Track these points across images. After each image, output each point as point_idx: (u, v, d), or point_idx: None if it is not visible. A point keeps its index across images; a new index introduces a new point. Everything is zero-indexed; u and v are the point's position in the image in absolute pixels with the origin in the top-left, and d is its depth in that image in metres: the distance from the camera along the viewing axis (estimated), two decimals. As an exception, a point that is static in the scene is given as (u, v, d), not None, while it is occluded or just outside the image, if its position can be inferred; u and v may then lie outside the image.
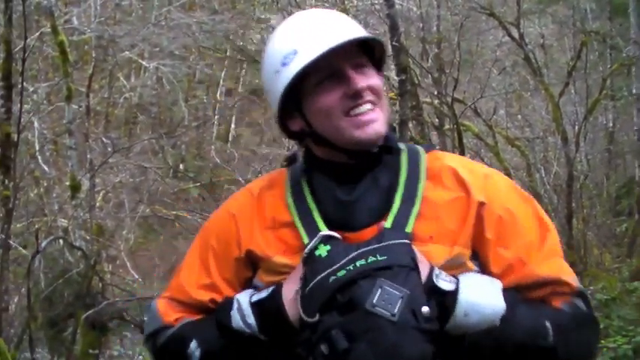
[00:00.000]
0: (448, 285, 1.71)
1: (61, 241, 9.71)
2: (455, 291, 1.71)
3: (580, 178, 11.88)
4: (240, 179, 14.76)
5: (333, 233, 1.79)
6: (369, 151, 1.85)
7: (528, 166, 12.11)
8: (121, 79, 15.21)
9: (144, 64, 14.76)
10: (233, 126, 21.37)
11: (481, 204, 1.81)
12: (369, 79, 1.84)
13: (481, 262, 1.81)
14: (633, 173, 14.56)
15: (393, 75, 8.71)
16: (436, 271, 1.73)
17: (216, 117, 19.99)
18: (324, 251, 1.76)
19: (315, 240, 1.78)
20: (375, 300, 1.67)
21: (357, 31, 1.86)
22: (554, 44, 15.32)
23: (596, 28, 14.24)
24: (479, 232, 1.81)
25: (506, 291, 1.75)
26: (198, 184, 15.22)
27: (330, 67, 1.81)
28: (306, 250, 1.78)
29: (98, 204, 11.32)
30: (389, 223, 1.78)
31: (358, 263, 1.72)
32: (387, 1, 8.57)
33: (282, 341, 1.78)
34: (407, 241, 1.75)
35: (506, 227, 1.82)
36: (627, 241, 12.31)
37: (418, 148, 1.95)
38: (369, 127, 1.81)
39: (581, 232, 11.09)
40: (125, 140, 14.52)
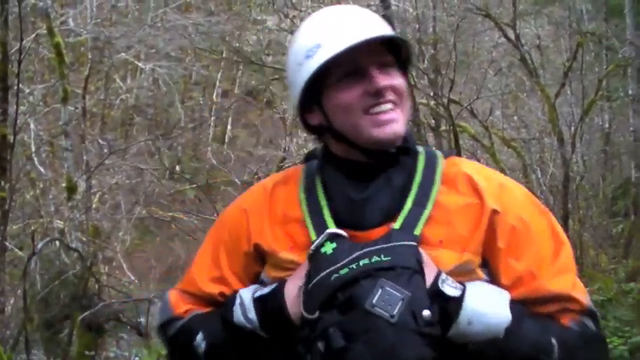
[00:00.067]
0: (453, 291, 1.69)
1: (57, 242, 9.71)
2: (460, 297, 1.68)
3: (576, 179, 11.89)
4: (236, 180, 14.78)
5: (339, 231, 1.77)
6: (387, 151, 1.83)
7: (524, 167, 12.12)
8: (117, 80, 15.21)
9: (140, 65, 14.75)
10: (229, 127, 21.38)
11: (494, 212, 1.78)
12: (392, 78, 1.82)
13: (491, 272, 1.78)
14: (629, 174, 14.57)
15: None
16: (443, 276, 1.70)
17: (213, 118, 19.99)
18: (329, 249, 1.75)
19: (321, 237, 1.77)
20: (374, 300, 1.65)
21: (383, 30, 1.83)
22: (550, 45, 15.32)
23: (592, 29, 14.25)
24: (490, 240, 1.77)
25: (514, 303, 1.71)
26: (195, 186, 15.22)
27: (353, 64, 1.79)
28: (312, 246, 1.77)
29: (94, 205, 11.31)
30: (398, 224, 1.76)
31: (361, 262, 1.70)
32: (383, 2, 8.59)
33: (282, 338, 1.77)
34: (414, 243, 1.73)
35: (519, 238, 1.78)
36: (623, 242, 12.32)
37: (437, 152, 1.92)
38: (388, 127, 1.79)
39: (577, 233, 11.09)
40: (121, 142, 14.52)
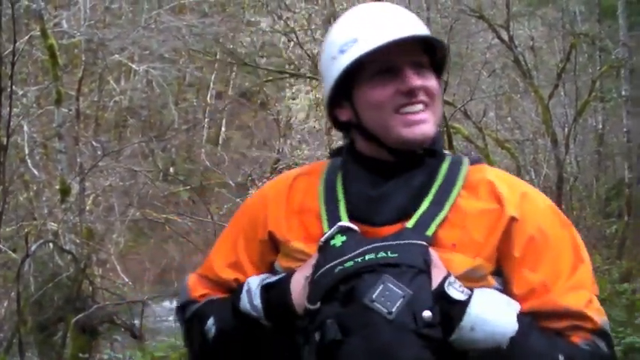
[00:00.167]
0: (459, 295, 1.65)
1: (50, 244, 9.69)
2: (465, 302, 1.64)
3: (570, 179, 11.92)
4: (230, 182, 14.79)
5: (351, 225, 1.76)
6: (414, 151, 1.81)
7: (518, 168, 12.13)
8: (111, 82, 15.19)
9: (134, 67, 14.73)
10: (223, 129, 21.41)
11: (513, 219, 1.74)
12: (425, 79, 1.80)
13: (504, 281, 1.74)
14: (623, 175, 14.57)
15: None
16: (450, 278, 1.67)
17: (207, 120, 20.01)
18: (339, 242, 1.74)
19: (332, 229, 1.77)
20: (374, 295, 1.63)
21: (420, 29, 1.83)
22: (544, 46, 15.36)
23: (585, 30, 14.29)
24: (506, 248, 1.73)
25: (524, 315, 1.67)
26: (189, 187, 15.22)
27: (387, 61, 1.78)
28: (323, 238, 1.77)
29: (88, 207, 11.28)
30: (411, 223, 1.74)
31: (367, 257, 1.69)
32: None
33: (285, 328, 1.76)
34: (424, 243, 1.71)
35: (536, 249, 1.74)
36: (617, 243, 12.35)
37: (464, 158, 1.89)
38: (418, 128, 1.78)
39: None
40: (115, 143, 14.51)
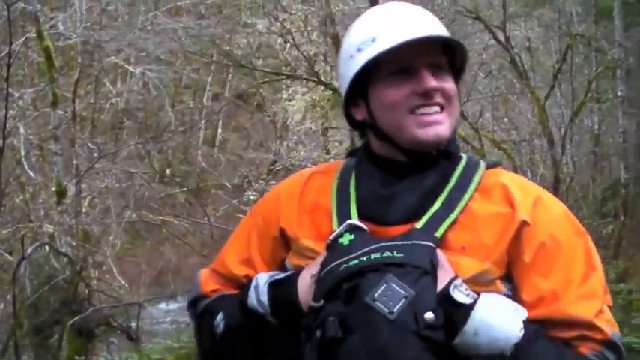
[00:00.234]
0: (464, 298, 1.63)
1: (46, 247, 9.67)
2: (470, 306, 1.62)
3: (566, 180, 11.94)
4: (226, 184, 14.79)
5: (359, 223, 1.76)
6: (428, 153, 1.80)
7: (514, 168, 12.14)
8: (107, 84, 15.18)
9: (130, 69, 14.72)
10: (219, 131, 21.40)
11: (524, 223, 1.71)
12: (442, 81, 1.79)
13: (514, 286, 1.71)
14: (619, 175, 14.61)
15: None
16: (457, 281, 1.65)
17: (203, 122, 20.00)
18: (346, 240, 1.74)
19: (341, 228, 1.76)
20: (376, 294, 1.62)
21: (439, 30, 1.81)
22: (540, 47, 15.38)
23: (581, 31, 14.30)
24: (516, 252, 1.71)
25: (531, 322, 1.64)
26: (185, 189, 15.21)
27: (403, 61, 1.77)
28: (331, 236, 1.76)
29: (84, 210, 11.26)
30: (420, 224, 1.73)
31: (372, 256, 1.68)
32: (372, 5, 8.59)
33: (291, 325, 1.76)
34: (431, 244, 1.69)
35: (547, 255, 1.70)
36: (613, 243, 12.37)
37: (480, 162, 1.87)
38: (432, 129, 1.76)
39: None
40: (111, 145, 14.48)
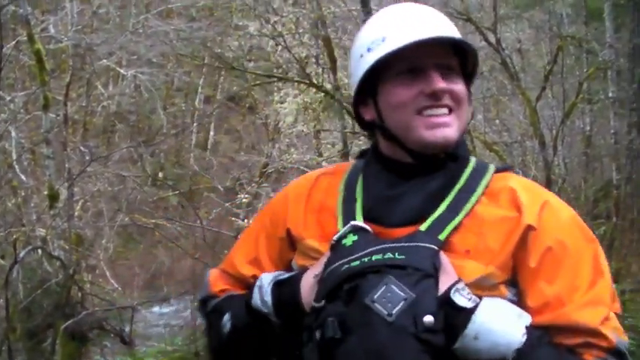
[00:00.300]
0: (465, 302, 1.62)
1: (39, 250, 9.65)
2: (471, 310, 1.60)
3: (558, 181, 11.92)
4: (218, 187, 14.76)
5: (363, 224, 1.76)
6: (435, 155, 1.79)
7: (506, 170, 12.14)
8: (99, 87, 15.15)
9: (122, 72, 14.71)
10: (212, 133, 21.37)
11: (529, 227, 1.69)
12: (452, 83, 1.78)
13: (519, 292, 1.69)
14: (610, 176, 14.62)
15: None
16: (459, 285, 1.63)
17: (195, 124, 19.94)
18: (349, 241, 1.73)
19: (344, 229, 1.76)
20: (375, 296, 1.61)
21: (450, 32, 1.80)
22: (531, 49, 15.40)
23: (572, 32, 14.32)
24: (521, 257, 1.69)
25: (535, 329, 1.62)
26: (178, 192, 15.18)
27: (412, 62, 1.76)
28: (335, 237, 1.76)
29: (77, 213, 11.25)
30: (424, 226, 1.72)
31: (374, 257, 1.67)
32: (364, 7, 8.61)
33: (294, 326, 1.75)
34: (434, 246, 1.67)
35: (554, 260, 1.68)
36: (606, 244, 12.36)
37: (490, 166, 1.86)
38: (439, 131, 1.75)
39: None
40: (103, 149, 14.47)
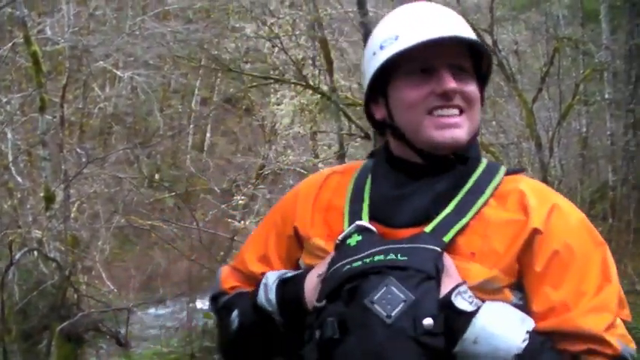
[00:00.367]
0: (467, 305, 1.58)
1: (35, 252, 9.65)
2: (471, 313, 1.57)
3: (554, 183, 11.95)
4: (215, 188, 14.76)
5: (367, 225, 1.74)
6: (445, 156, 1.76)
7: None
8: (96, 89, 15.16)
9: (118, 73, 14.69)
10: (208, 135, 21.37)
11: (536, 231, 1.65)
12: (463, 84, 1.75)
13: (525, 296, 1.66)
14: (606, 178, 14.65)
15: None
16: (461, 288, 1.60)
17: (191, 126, 19.97)
18: (354, 241, 1.72)
19: (349, 229, 1.74)
20: (375, 297, 1.59)
21: (463, 32, 1.78)
22: (528, 50, 15.43)
23: (568, 34, 14.35)
24: (527, 262, 1.65)
25: (538, 334, 1.59)
26: (174, 194, 15.17)
27: (425, 61, 1.74)
28: (340, 237, 1.74)
29: (73, 215, 11.24)
30: (429, 227, 1.69)
31: (376, 258, 1.65)
32: (360, 9, 8.62)
33: (297, 324, 1.74)
34: (437, 248, 1.65)
35: (561, 265, 1.64)
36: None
37: (501, 167, 1.82)
38: (449, 131, 1.73)
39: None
40: (100, 150, 14.48)
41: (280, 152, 14.71)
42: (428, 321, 1.56)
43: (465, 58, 1.78)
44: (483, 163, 1.82)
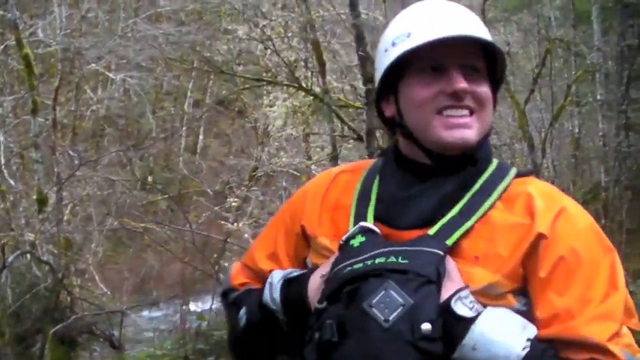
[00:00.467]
0: (466, 311, 1.55)
1: (28, 255, 9.63)
2: (471, 319, 1.54)
3: (547, 184, 11.97)
4: (208, 190, 14.76)
5: (371, 226, 1.72)
6: (453, 156, 1.72)
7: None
8: (88, 91, 15.14)
9: (111, 76, 14.69)
10: (201, 137, 21.35)
11: (540, 236, 1.61)
12: (475, 85, 1.71)
13: (529, 302, 1.62)
14: (599, 178, 14.70)
15: (360, 84, 8.74)
16: (462, 293, 1.57)
17: (184, 128, 19.93)
18: (357, 242, 1.70)
19: (353, 229, 1.72)
20: (374, 300, 1.57)
21: (477, 32, 1.73)
22: (520, 52, 15.43)
23: (560, 35, 14.37)
24: (532, 267, 1.61)
25: (540, 341, 1.55)
26: (167, 196, 15.15)
27: (436, 59, 1.71)
28: (343, 237, 1.73)
29: (66, 217, 11.22)
30: (433, 230, 1.66)
31: (377, 260, 1.63)
32: (352, 11, 8.63)
33: (301, 324, 1.72)
34: (439, 252, 1.62)
35: (566, 271, 1.59)
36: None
37: (511, 169, 1.79)
38: (458, 131, 1.69)
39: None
40: (92, 153, 14.48)
41: (273, 154, 14.70)
42: (426, 326, 1.53)
43: (479, 59, 1.75)
44: (493, 165, 1.80)
